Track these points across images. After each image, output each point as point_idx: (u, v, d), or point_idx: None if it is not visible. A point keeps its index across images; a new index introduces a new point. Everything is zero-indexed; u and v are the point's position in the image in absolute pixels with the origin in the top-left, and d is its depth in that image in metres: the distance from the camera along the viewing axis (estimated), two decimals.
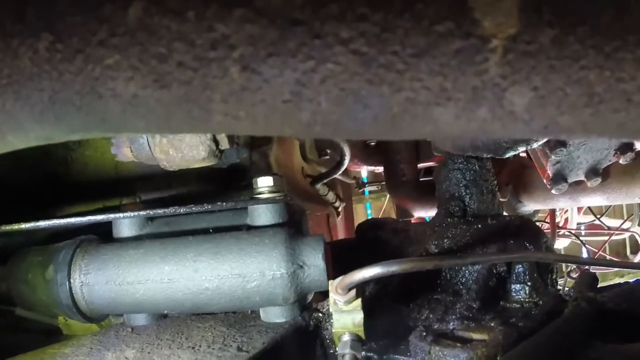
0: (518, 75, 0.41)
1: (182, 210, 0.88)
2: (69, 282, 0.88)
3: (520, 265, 0.99)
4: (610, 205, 2.60)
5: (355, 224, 2.53)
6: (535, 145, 1.02)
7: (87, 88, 0.40)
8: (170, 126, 0.41)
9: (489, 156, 1.07)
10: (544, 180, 1.33)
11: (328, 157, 1.56)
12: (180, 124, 0.40)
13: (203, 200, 0.94)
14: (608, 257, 2.73)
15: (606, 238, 2.63)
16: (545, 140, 1.04)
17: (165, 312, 0.92)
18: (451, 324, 0.87)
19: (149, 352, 0.81)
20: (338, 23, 0.34)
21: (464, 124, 0.43)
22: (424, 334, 0.83)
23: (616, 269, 2.74)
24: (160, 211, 0.88)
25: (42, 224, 0.88)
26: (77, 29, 0.38)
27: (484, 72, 0.39)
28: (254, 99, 0.36)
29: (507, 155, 1.05)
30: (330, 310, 0.80)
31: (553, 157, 1.23)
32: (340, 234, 2.08)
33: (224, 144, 0.88)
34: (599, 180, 1.32)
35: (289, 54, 0.34)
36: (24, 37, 0.41)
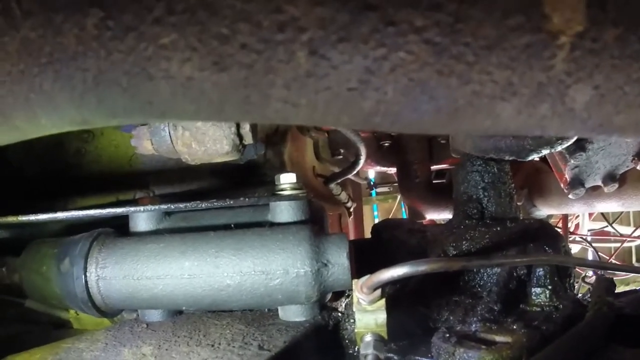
0: (582, 73, 0.40)
1: (203, 205, 0.86)
2: (85, 276, 0.86)
3: (540, 269, 0.98)
4: (622, 212, 2.60)
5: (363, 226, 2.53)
6: (558, 148, 1.01)
7: (137, 68, 0.38)
8: (222, 112, 0.40)
9: (510, 158, 1.06)
10: (562, 185, 1.32)
11: (341, 156, 1.54)
12: (234, 110, 0.39)
13: (217, 196, 0.93)
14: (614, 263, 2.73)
15: (612, 245, 2.62)
16: (567, 144, 1.03)
17: (184, 308, 0.90)
18: (473, 325, 0.86)
19: (166, 349, 0.80)
20: (413, 10, 0.33)
21: (524, 120, 0.42)
22: (447, 335, 0.81)
23: (621, 276, 2.75)
24: (181, 205, 0.86)
25: (60, 215, 0.86)
26: (130, 5, 0.36)
27: (551, 68, 0.38)
28: (318, 85, 0.35)
29: (530, 158, 1.04)
30: (354, 309, 0.78)
31: (572, 161, 1.22)
32: (350, 235, 2.07)
33: (248, 139, 0.87)
34: (616, 186, 1.31)
35: (360, 39, 0.33)
36: (70, 13, 0.39)
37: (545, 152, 1.01)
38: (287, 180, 0.89)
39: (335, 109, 0.37)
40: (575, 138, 1.05)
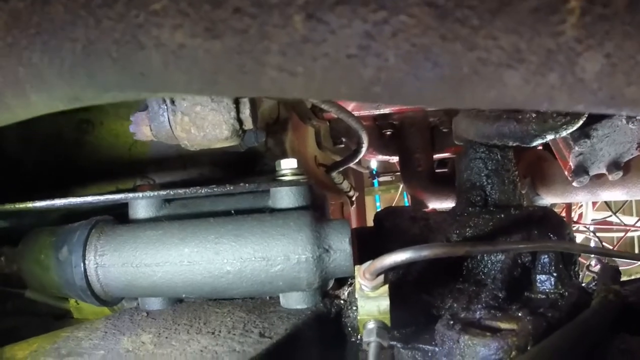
0: (593, 40, 0.38)
1: (203, 191, 0.85)
2: (84, 264, 0.85)
3: (545, 256, 0.97)
4: (625, 202, 2.58)
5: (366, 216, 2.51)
6: (563, 134, 0.99)
7: (128, 37, 0.36)
8: (216, 83, 0.38)
9: (514, 144, 1.04)
10: (565, 172, 1.31)
11: (343, 145, 1.52)
12: (228, 80, 0.37)
13: (217, 184, 0.91)
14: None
15: (615, 234, 2.61)
16: (572, 129, 1.01)
17: (183, 296, 0.89)
18: (477, 313, 0.85)
19: (166, 337, 0.79)
20: None
21: (531, 90, 0.40)
22: (451, 322, 0.80)
23: (625, 267, 2.73)
24: (180, 191, 0.85)
25: (58, 202, 0.85)
26: None
27: (560, 34, 0.37)
28: (315, 52, 0.33)
29: (534, 144, 1.02)
30: (356, 296, 0.77)
31: (576, 148, 1.20)
32: (352, 225, 2.05)
33: (248, 124, 0.85)
34: (621, 173, 1.29)
35: (359, 2, 0.31)
36: None
37: (549, 137, 0.99)
38: (287, 165, 0.88)
39: (333, 77, 0.35)
40: (579, 124, 1.04)
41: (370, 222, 1.23)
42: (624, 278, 1.06)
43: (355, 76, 0.35)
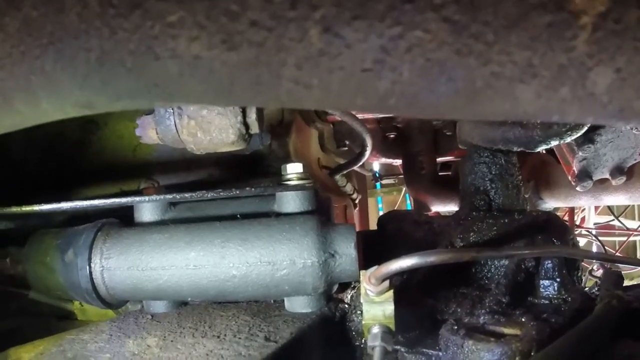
0: (604, 55, 0.38)
1: (209, 195, 0.85)
2: (90, 266, 0.85)
3: (549, 261, 0.97)
4: (627, 206, 2.58)
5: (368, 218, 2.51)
6: (568, 139, 0.99)
7: (143, 48, 0.36)
8: (232, 93, 0.38)
9: (519, 150, 1.04)
10: (569, 177, 1.31)
11: (346, 148, 1.53)
12: (244, 91, 0.37)
13: (221, 187, 0.92)
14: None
15: (617, 239, 2.61)
16: (576, 135, 1.01)
17: (189, 299, 0.90)
18: (481, 318, 0.85)
19: (172, 340, 0.79)
20: None
21: (543, 103, 0.40)
22: (455, 327, 0.80)
23: (627, 271, 2.73)
24: (187, 195, 0.85)
25: (65, 205, 0.85)
26: None
27: (572, 49, 0.37)
28: (331, 65, 0.33)
29: (538, 149, 1.02)
30: (361, 301, 0.77)
31: (580, 153, 1.20)
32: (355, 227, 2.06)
33: (254, 129, 0.85)
34: (624, 178, 1.30)
35: (376, 17, 0.31)
36: None
37: (554, 143, 0.99)
38: (293, 170, 0.88)
39: (349, 90, 0.35)
40: (584, 130, 1.04)
41: (372, 224, 1.23)
42: (626, 282, 1.07)
43: (371, 89, 0.35)
